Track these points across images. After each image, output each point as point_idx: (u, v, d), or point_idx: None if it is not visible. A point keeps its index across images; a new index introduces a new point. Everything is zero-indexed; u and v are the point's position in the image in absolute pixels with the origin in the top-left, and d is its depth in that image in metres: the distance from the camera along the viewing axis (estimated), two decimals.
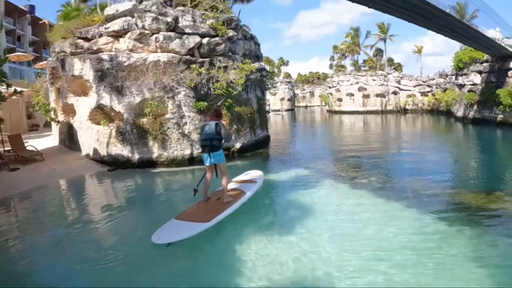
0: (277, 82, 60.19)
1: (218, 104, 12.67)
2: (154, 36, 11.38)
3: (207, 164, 6.53)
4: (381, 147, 16.48)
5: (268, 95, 26.37)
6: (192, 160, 11.63)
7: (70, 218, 6.95)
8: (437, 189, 8.29)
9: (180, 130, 11.53)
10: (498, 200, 7.23)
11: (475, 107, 24.21)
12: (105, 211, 7.26)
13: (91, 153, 11.95)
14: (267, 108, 20.35)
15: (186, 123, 11.64)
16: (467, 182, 9.07)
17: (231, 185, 7.39)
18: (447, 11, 11.98)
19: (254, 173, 8.36)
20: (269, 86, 17.93)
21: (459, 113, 26.81)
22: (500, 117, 21.09)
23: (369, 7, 11.03)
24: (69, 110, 12.59)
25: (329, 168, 11.35)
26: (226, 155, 12.42)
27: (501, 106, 20.30)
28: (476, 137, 19.42)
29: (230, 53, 13.25)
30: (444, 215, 6.39)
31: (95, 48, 11.40)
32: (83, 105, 11.83)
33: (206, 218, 5.70)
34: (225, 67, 12.59)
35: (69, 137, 13.01)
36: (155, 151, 11.29)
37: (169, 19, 11.43)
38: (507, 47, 19.32)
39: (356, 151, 14.50)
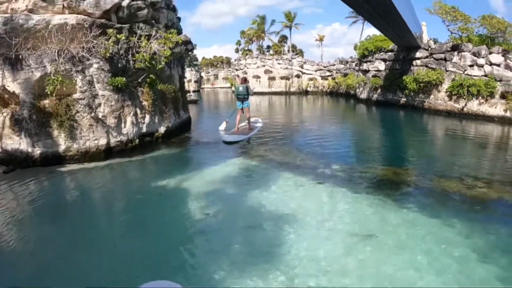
0: (197, 60, 58.85)
1: (139, 80, 10.56)
2: None
3: (239, 107, 12.44)
4: (295, 125, 17.36)
5: None
6: (109, 152, 9.32)
7: None
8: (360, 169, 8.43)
9: (93, 114, 9.00)
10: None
11: (379, 90, 26.17)
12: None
13: None
14: None
15: (100, 105, 9.18)
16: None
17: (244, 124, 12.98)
18: None
19: (256, 120, 14.79)
20: (190, 63, 16.14)
21: (363, 96, 28.96)
22: (403, 100, 23.16)
23: None
24: None
25: (259, 151, 10.17)
26: (149, 141, 10.68)
27: (406, 91, 22.16)
28: (384, 116, 21.20)
29: (153, 21, 11.09)
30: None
31: None
32: None
33: (245, 133, 11.96)
34: (148, 36, 10.43)
35: None
36: (62, 142, 8.56)
37: None
38: (417, 40, 20.71)
39: (273, 131, 14.32)
